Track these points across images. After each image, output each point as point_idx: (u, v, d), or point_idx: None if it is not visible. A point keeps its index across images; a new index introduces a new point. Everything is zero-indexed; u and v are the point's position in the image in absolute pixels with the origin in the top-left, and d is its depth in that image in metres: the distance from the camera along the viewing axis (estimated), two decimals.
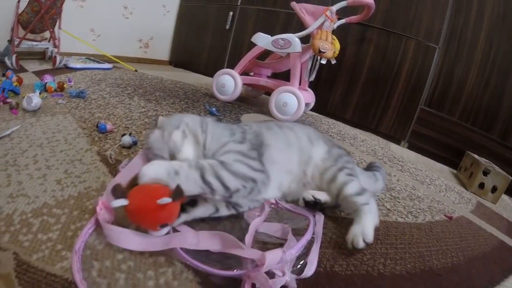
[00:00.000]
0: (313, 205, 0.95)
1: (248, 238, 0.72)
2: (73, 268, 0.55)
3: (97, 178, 0.92)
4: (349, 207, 0.93)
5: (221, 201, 0.81)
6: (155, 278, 0.60)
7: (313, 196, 0.95)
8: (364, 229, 0.82)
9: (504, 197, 1.96)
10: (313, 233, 0.81)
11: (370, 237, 0.82)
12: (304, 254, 0.72)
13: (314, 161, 1.02)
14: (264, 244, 0.76)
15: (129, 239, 0.64)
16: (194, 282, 0.61)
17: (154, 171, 0.69)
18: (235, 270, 0.62)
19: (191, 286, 0.60)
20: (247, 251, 0.63)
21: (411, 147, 2.49)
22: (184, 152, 0.82)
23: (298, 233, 0.81)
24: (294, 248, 0.67)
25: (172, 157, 0.81)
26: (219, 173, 0.73)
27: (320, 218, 0.91)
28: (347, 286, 0.71)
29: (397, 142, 2.55)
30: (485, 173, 1.77)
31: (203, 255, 0.66)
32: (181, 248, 0.65)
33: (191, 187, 0.70)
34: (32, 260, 0.57)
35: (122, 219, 0.68)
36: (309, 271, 0.68)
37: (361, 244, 0.80)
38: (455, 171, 2.17)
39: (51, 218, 0.69)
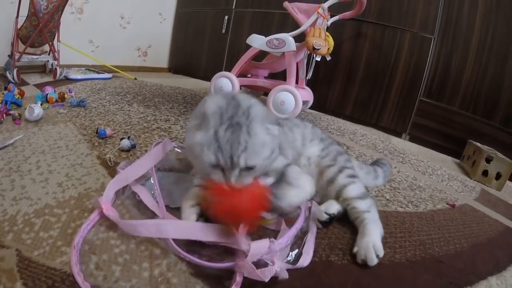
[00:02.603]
0: (329, 222, 0.89)
1: (241, 229, 0.73)
2: (71, 261, 0.58)
3: (97, 180, 0.95)
4: (351, 214, 0.89)
5: None
6: (150, 269, 0.62)
7: (326, 213, 0.88)
8: (374, 243, 0.77)
9: (510, 184, 1.93)
10: (304, 222, 0.80)
11: (381, 251, 0.77)
12: (299, 244, 0.72)
13: (306, 154, 1.02)
14: (259, 236, 0.76)
15: (142, 228, 0.68)
16: (187, 273, 0.63)
17: None
18: (225, 262, 0.63)
19: (184, 277, 0.61)
20: (236, 241, 0.64)
21: (413, 139, 2.48)
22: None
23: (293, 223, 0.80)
24: (284, 237, 0.66)
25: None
26: None
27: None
28: (343, 275, 0.71)
29: (398, 135, 2.54)
30: (488, 160, 1.75)
31: (198, 246, 0.68)
32: (174, 241, 0.66)
33: None
34: (33, 256, 0.60)
35: None
36: (305, 261, 0.68)
37: (375, 261, 0.75)
38: (458, 161, 2.15)
39: (52, 217, 0.73)
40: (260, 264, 0.60)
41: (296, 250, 0.69)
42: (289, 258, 0.66)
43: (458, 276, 0.80)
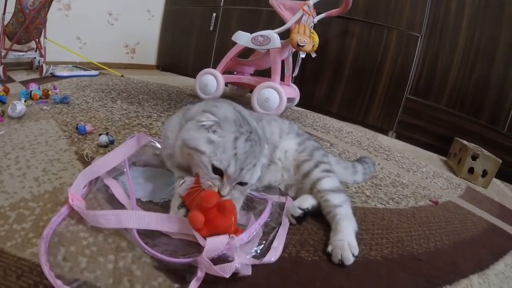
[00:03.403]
0: (303, 217, 0.87)
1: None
2: (40, 252, 0.59)
3: (72, 175, 0.95)
4: (324, 207, 0.89)
5: None
6: (115, 261, 0.63)
7: (299, 208, 0.87)
8: (349, 241, 0.75)
9: (497, 181, 1.95)
10: (269, 218, 0.79)
11: (356, 249, 0.75)
12: (266, 238, 0.71)
13: (282, 148, 1.03)
14: None
15: (104, 219, 0.69)
16: (151, 266, 0.63)
17: None
18: (188, 256, 0.63)
19: (148, 270, 0.62)
20: (196, 236, 0.64)
21: (399, 137, 2.49)
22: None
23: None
24: (245, 233, 0.65)
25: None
26: None
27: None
28: (313, 271, 0.70)
29: (385, 133, 2.55)
30: (474, 157, 1.76)
31: (165, 239, 0.69)
32: (139, 235, 0.67)
33: None
34: (6, 247, 0.61)
35: None
36: (273, 256, 0.67)
37: (351, 260, 0.73)
38: (444, 158, 2.16)
39: (27, 210, 0.74)
40: (224, 259, 0.60)
41: (262, 245, 0.68)
42: (253, 253, 0.65)
43: (437, 274, 0.78)
